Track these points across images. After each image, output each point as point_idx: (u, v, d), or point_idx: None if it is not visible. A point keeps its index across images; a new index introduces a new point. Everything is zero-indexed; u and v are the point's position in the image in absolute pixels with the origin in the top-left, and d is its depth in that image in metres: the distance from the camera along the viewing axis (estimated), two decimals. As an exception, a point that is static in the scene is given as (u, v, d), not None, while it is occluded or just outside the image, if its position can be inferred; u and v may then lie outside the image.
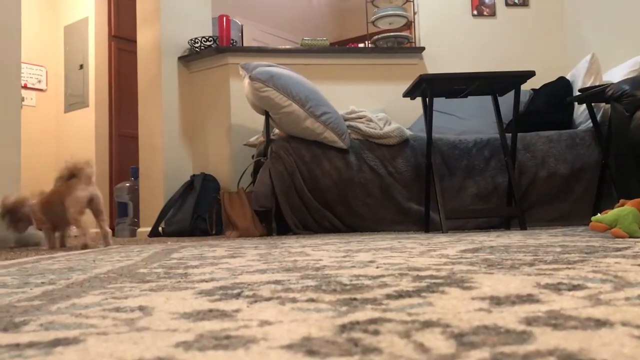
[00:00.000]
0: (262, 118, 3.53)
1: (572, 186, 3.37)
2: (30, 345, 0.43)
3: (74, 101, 6.20)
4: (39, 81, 6.36)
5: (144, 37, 4.60)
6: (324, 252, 1.46)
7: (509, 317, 0.47)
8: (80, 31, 6.19)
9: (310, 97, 3.38)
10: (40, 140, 6.23)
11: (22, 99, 5.34)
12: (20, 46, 3.08)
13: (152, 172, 4.47)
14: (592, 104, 3.29)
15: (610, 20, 4.10)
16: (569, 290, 0.61)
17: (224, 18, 4.46)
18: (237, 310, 0.56)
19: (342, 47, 5.22)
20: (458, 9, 4.70)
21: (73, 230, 2.50)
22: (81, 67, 6.14)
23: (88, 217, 2.32)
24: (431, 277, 0.78)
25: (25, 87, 6.06)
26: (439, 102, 3.67)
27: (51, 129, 6.38)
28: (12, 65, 3.03)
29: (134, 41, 4.87)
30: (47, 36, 6.42)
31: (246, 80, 3.44)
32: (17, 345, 0.43)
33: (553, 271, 0.80)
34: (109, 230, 2.41)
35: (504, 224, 3.28)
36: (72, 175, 2.33)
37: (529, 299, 0.57)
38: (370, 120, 3.56)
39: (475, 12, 4.70)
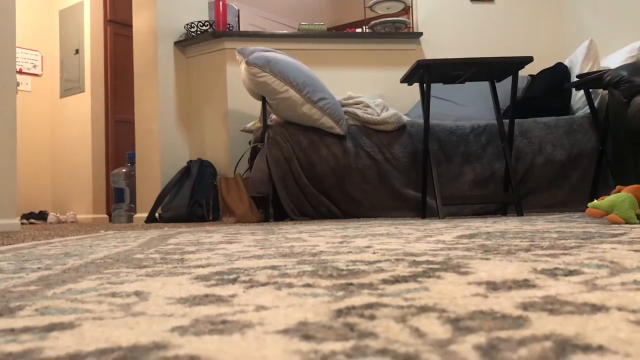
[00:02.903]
0: (259, 104, 3.51)
1: (569, 172, 3.38)
2: (25, 330, 0.43)
3: (70, 86, 6.17)
4: (34, 66, 6.32)
5: (140, 22, 4.56)
6: (321, 237, 1.46)
7: (505, 302, 0.47)
8: (75, 15, 6.14)
9: (307, 83, 3.36)
10: (36, 125, 6.20)
11: (18, 84, 5.30)
12: (14, 30, 3.05)
13: (148, 157, 4.46)
14: (590, 90, 3.29)
15: (608, 6, 4.08)
16: (565, 275, 0.61)
17: (220, 2, 4.43)
18: (233, 296, 0.56)
19: (340, 32, 5.18)
20: (456, -6, 4.67)
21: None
22: (77, 51, 6.10)
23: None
24: (427, 262, 0.78)
25: (20, 72, 6.03)
26: (436, 88, 3.67)
27: (47, 114, 6.35)
28: (7, 49, 3.00)
29: (129, 26, 4.84)
30: (42, 20, 6.37)
31: (243, 66, 3.42)
32: (11, 330, 0.43)
33: (549, 257, 0.80)
34: None
35: (500, 210, 3.28)
36: None
37: (525, 284, 0.57)
38: (368, 106, 3.55)
39: (473, -3, 4.67)
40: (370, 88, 4.37)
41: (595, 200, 1.78)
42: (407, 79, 3.09)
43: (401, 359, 0.32)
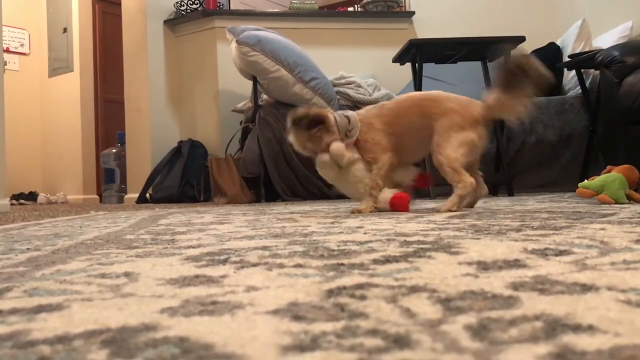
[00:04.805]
0: (250, 83, 3.49)
1: (560, 153, 3.39)
2: (13, 311, 0.43)
3: (58, 65, 6.09)
4: (22, 45, 6.23)
5: (129, 0, 4.49)
6: (312, 218, 1.46)
7: (496, 282, 0.48)
8: (63, -7, 6.04)
9: (298, 62, 3.34)
10: (24, 105, 6.13)
11: (5, 63, 5.23)
12: (0, 8, 3.00)
13: (138, 138, 4.42)
14: (582, 70, 3.28)
15: (601, -15, 4.05)
16: (556, 255, 0.62)
17: (211, -20, 4.37)
18: (223, 276, 0.55)
19: (331, 11, 5.14)
20: (449, -28, 4.62)
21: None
22: (65, 30, 6.01)
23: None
24: (418, 242, 0.78)
25: (7, 50, 5.94)
26: (428, 68, 3.64)
27: (35, 94, 6.28)
28: (-7, 28, 2.95)
29: (118, 4, 4.77)
30: (29, -2, 6.26)
31: (233, 45, 3.39)
32: (-1, 312, 0.43)
33: (540, 237, 0.80)
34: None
35: (491, 190, 3.29)
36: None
37: (516, 264, 0.57)
38: (360, 86, 3.54)
39: (466, -24, 4.63)
40: (362, 68, 4.34)
41: (586, 180, 1.79)
42: (399, 59, 3.07)
43: (392, 340, 0.32)
